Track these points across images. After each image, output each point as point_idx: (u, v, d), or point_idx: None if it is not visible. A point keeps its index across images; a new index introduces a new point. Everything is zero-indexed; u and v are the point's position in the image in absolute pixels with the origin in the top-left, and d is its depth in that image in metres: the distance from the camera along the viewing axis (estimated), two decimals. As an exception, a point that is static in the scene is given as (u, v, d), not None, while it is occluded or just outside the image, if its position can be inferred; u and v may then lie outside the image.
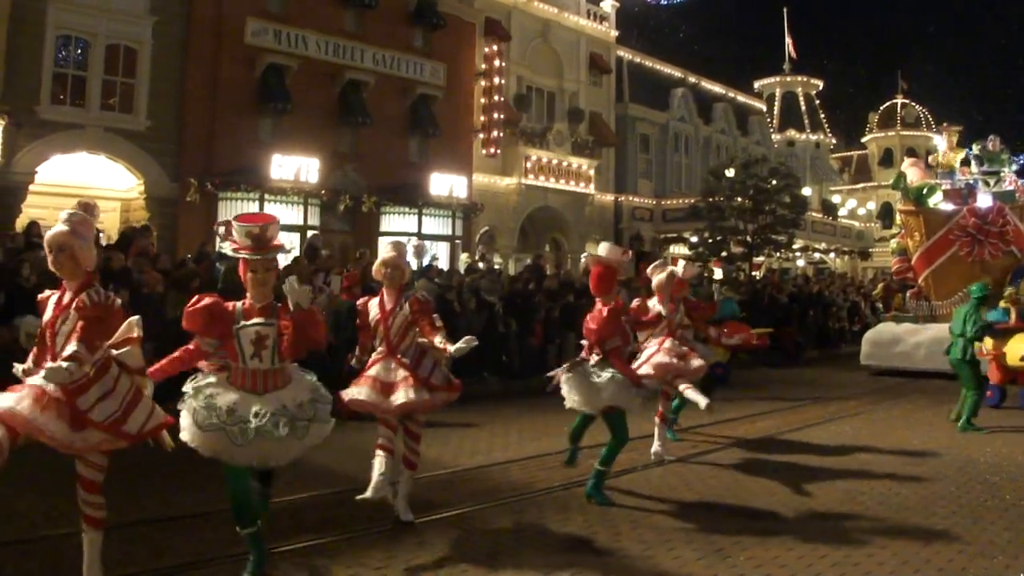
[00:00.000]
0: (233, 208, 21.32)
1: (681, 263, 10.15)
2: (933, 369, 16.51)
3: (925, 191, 19.70)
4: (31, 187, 19.14)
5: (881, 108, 54.43)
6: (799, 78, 49.63)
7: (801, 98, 49.03)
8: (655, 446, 9.27)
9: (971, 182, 20.90)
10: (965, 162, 21.68)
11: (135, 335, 5.06)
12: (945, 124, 23.85)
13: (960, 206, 19.46)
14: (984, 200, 19.61)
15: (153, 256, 14.24)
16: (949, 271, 18.80)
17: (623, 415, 7.48)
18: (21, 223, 17.25)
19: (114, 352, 4.95)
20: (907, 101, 53.30)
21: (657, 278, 9.36)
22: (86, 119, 19.88)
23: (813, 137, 48.31)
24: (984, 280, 13.46)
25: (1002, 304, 13.80)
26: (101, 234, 16.44)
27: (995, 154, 20.99)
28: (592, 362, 7.51)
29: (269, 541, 5.69)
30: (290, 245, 21.43)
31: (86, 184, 20.57)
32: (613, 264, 7.52)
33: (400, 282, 6.79)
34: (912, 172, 20.47)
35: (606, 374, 7.36)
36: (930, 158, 26.00)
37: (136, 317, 5.08)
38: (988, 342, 12.71)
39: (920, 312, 19.25)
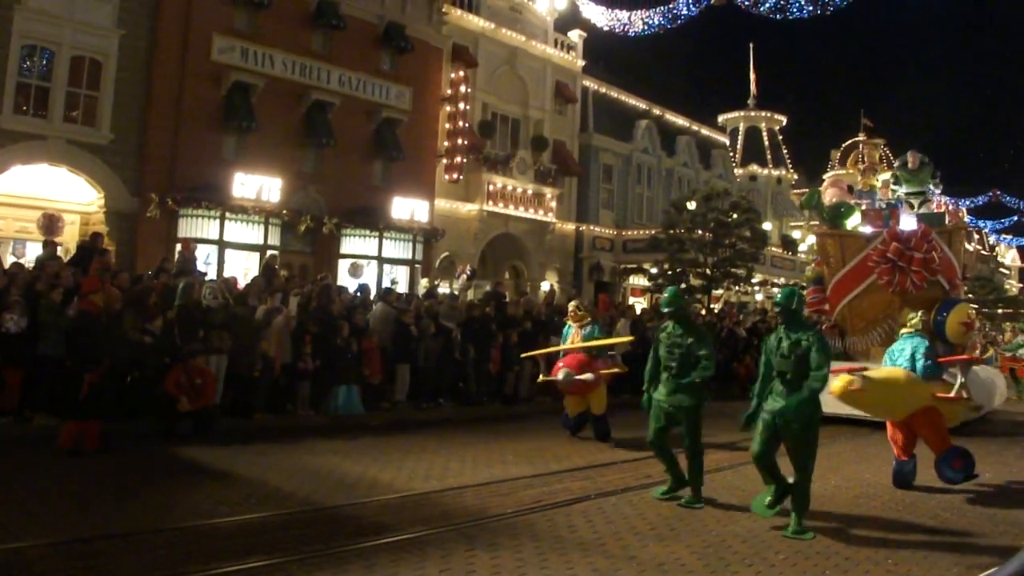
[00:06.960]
0: (193, 225, 21.21)
1: None
2: (844, 415, 12.06)
3: (842, 210, 17.73)
4: (-10, 197, 18.95)
5: (843, 145, 54.98)
6: (763, 113, 50.21)
7: (764, 133, 49.61)
8: None
9: (894, 203, 18.74)
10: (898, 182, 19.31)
11: None
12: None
13: (881, 229, 17.37)
14: (907, 223, 17.38)
15: (112, 272, 13.88)
16: (866, 302, 16.95)
17: None
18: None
19: None
20: (869, 139, 53.74)
21: None
22: (48, 130, 19.68)
23: (775, 172, 48.85)
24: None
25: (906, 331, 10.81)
26: (59, 248, 16.40)
27: (914, 173, 18.58)
28: None
29: (217, 562, 5.87)
30: (249, 265, 21.55)
31: (46, 196, 20.42)
32: None
33: None
34: (830, 191, 18.62)
35: None
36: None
37: None
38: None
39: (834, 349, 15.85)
